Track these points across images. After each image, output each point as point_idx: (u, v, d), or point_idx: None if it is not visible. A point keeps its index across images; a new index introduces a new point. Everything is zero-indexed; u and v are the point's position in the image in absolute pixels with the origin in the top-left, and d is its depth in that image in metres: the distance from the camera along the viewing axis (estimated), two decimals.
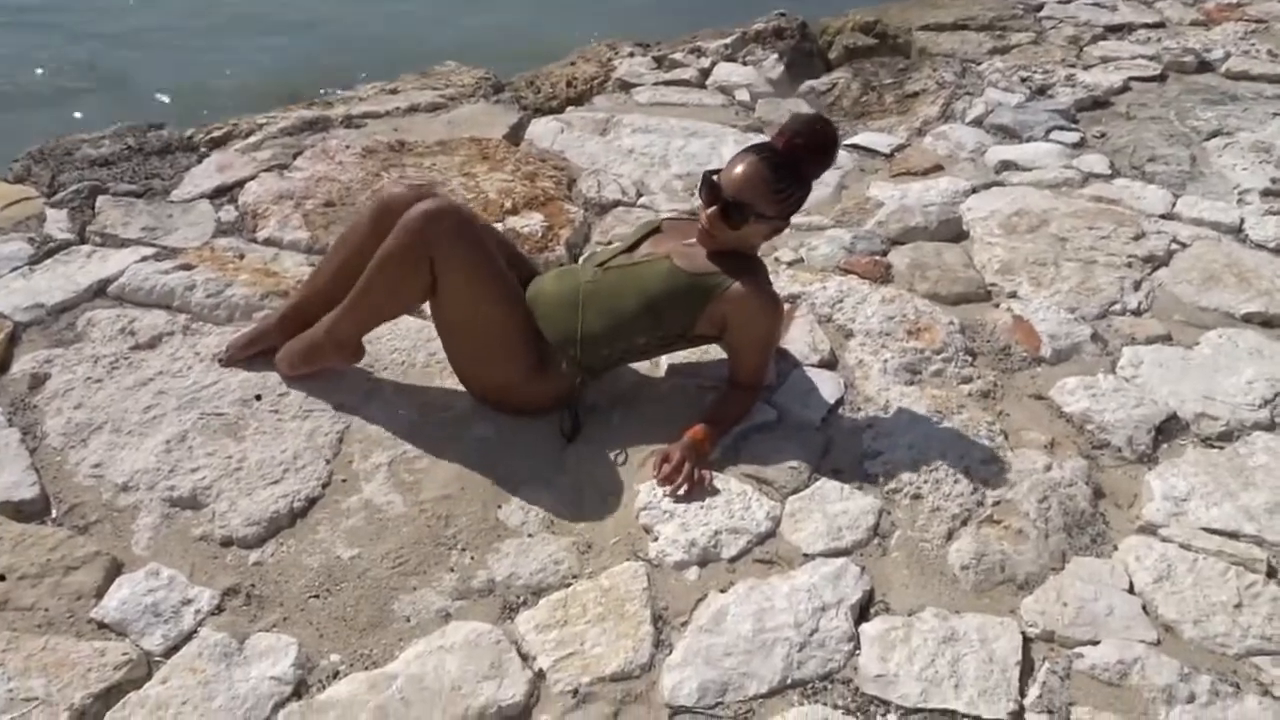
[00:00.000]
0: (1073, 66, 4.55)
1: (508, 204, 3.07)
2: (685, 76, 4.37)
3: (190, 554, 1.91)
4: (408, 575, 1.90)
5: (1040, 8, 5.37)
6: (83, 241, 2.81)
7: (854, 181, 3.55)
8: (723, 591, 1.88)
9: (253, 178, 3.16)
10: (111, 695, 1.63)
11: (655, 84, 4.28)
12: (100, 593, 1.81)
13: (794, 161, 2.13)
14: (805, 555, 1.96)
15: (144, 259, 2.70)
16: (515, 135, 3.70)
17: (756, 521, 2.02)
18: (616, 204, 3.26)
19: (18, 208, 2.97)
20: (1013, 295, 2.85)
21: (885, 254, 3.02)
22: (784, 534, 2.01)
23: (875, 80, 4.43)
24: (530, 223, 3.00)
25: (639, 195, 3.34)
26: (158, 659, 1.71)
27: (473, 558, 1.94)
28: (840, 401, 2.37)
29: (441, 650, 1.74)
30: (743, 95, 4.19)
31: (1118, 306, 2.82)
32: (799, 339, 2.56)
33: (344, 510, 2.03)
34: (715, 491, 2.09)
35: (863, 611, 1.87)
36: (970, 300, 2.85)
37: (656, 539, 1.99)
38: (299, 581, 1.87)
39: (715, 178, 2.15)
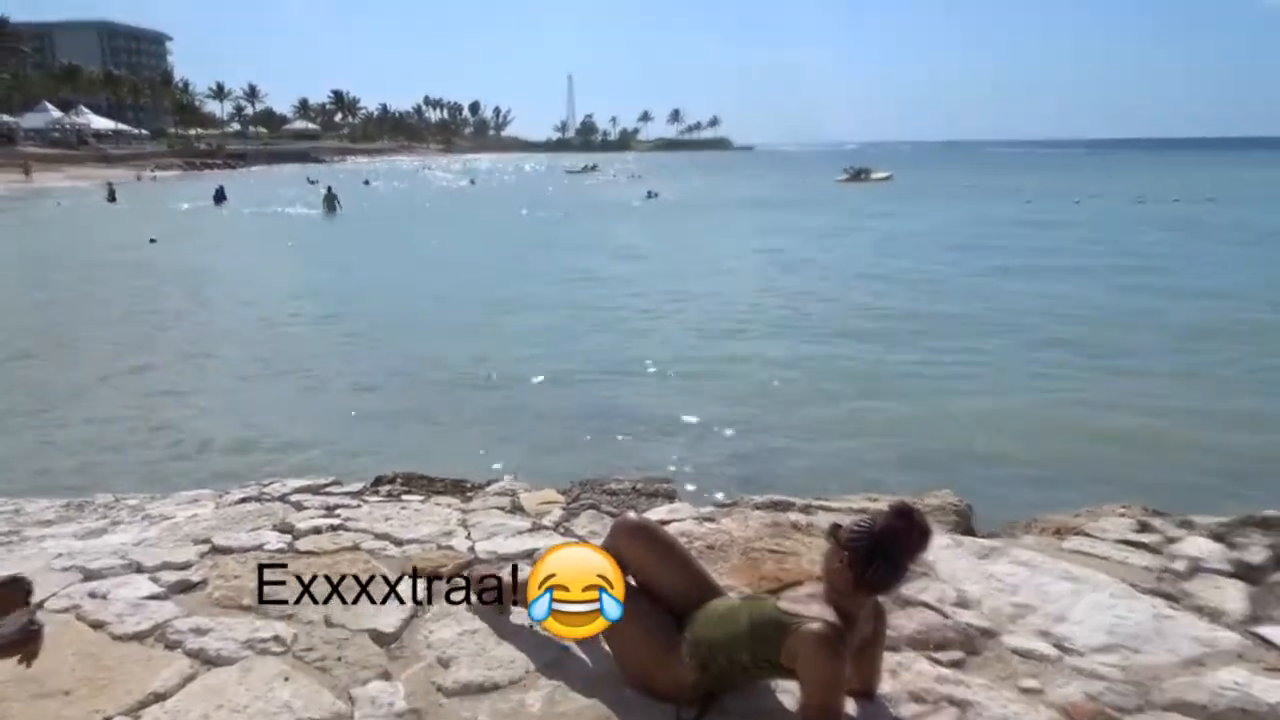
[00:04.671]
0: None
1: (789, 579, 3.70)
2: (1147, 541, 4.38)
3: (418, 690, 3.03)
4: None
5: None
6: (554, 529, 4.30)
7: (1218, 663, 3.26)
8: None
9: (680, 520, 4.36)
10: None
11: (1110, 541, 4.40)
12: (363, 682, 3.04)
13: (875, 534, 2.62)
14: None
15: (565, 545, 4.04)
16: None
17: None
18: (923, 605, 3.62)
19: (546, 505, 4.63)
20: None
21: (1132, 712, 2.87)
22: None
23: None
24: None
25: (959, 605, 3.63)
26: None
27: None
28: None
29: None
30: (1180, 565, 4.06)
31: None
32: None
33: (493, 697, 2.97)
34: None
35: None
36: None
37: None
38: None
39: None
